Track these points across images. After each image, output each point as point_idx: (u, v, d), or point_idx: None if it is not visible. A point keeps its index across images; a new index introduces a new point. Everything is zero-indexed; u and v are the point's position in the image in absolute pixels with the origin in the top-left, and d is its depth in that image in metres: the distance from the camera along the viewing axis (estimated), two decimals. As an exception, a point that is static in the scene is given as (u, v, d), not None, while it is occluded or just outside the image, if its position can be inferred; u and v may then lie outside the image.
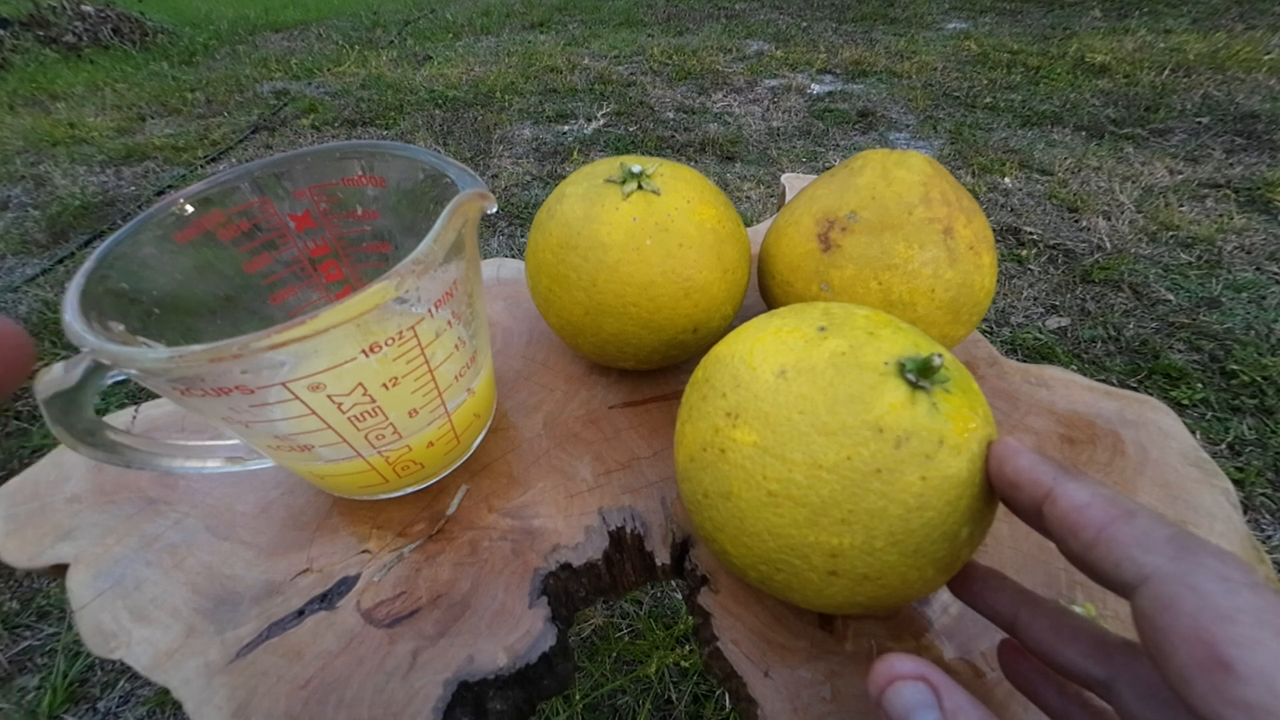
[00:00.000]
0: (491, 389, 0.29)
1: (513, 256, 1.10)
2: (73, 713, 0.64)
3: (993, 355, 0.35)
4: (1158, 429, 0.30)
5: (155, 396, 0.33)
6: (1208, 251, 1.19)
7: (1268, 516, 0.77)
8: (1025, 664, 0.18)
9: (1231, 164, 1.46)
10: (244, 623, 0.24)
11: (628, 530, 0.26)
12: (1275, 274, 1.12)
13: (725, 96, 2.07)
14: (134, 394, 0.96)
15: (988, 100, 1.89)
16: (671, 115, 1.93)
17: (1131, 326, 1.05)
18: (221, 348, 0.17)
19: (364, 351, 0.20)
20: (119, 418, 0.32)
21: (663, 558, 0.26)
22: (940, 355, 0.17)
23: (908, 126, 1.79)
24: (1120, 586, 0.14)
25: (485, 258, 0.54)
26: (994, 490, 0.18)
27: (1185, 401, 0.91)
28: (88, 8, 2.92)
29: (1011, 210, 1.37)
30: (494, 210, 0.23)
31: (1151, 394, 0.67)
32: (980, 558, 0.25)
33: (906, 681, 0.15)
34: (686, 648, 0.67)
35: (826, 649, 0.23)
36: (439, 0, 3.70)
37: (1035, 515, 0.16)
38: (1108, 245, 1.24)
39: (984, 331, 1.07)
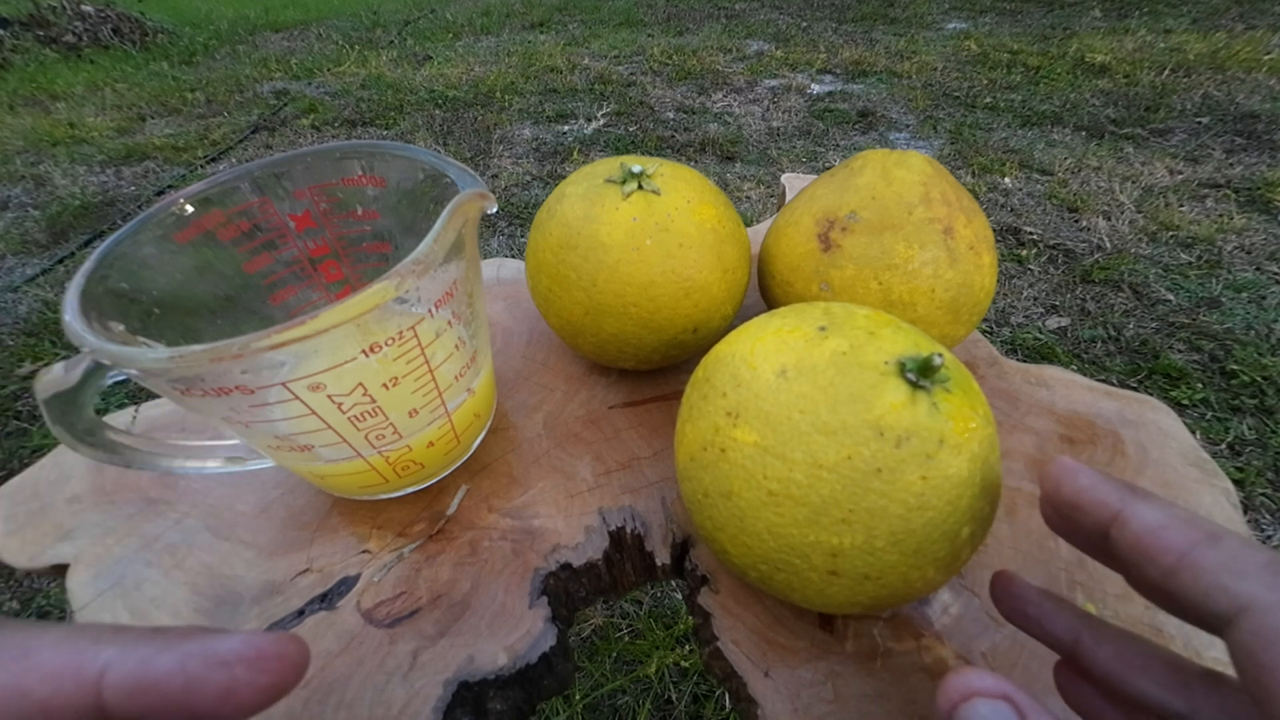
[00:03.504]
0: (491, 389, 0.29)
1: (513, 256, 1.10)
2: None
3: (993, 355, 0.35)
4: (1158, 429, 0.30)
5: (155, 396, 0.33)
6: (1208, 251, 1.19)
7: (1268, 516, 0.77)
8: (1086, 689, 0.17)
9: (1231, 164, 1.46)
10: (244, 623, 0.24)
11: (628, 530, 0.26)
12: (1275, 274, 1.13)
13: (725, 96, 2.07)
14: (134, 394, 0.96)
15: (988, 100, 1.89)
16: (671, 115, 1.93)
17: (1131, 326, 1.05)
18: (221, 348, 0.17)
19: (364, 351, 0.20)
20: (119, 418, 0.32)
21: (663, 558, 0.26)
22: (940, 355, 0.17)
23: (908, 126, 1.79)
24: (1211, 619, 0.12)
25: (485, 258, 0.54)
26: (1049, 514, 0.16)
27: (1185, 401, 0.91)
28: (88, 8, 2.92)
29: (1011, 210, 1.37)
30: (494, 210, 0.23)
31: (1151, 394, 0.67)
32: (980, 558, 0.25)
33: (985, 699, 0.13)
34: (686, 648, 0.67)
35: (827, 649, 0.23)
36: (439, 0, 3.70)
37: (1098, 540, 0.15)
38: (1108, 245, 1.24)
39: (984, 331, 1.07)
